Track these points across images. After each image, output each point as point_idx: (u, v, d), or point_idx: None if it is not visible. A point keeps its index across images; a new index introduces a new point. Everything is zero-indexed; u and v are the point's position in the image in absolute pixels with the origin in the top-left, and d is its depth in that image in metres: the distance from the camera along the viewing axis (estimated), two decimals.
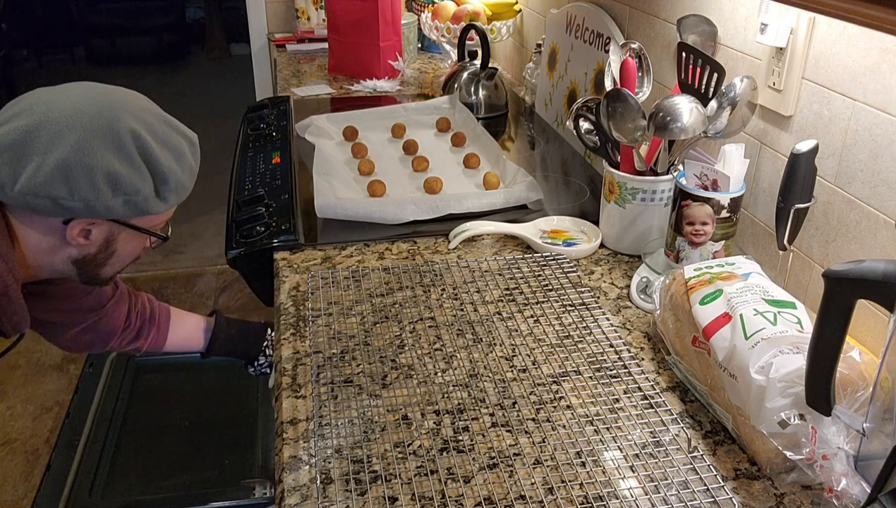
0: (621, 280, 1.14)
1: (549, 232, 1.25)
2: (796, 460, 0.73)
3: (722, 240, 1.03)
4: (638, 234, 1.17)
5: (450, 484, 0.75)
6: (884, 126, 0.85)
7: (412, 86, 2.15)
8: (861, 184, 0.89)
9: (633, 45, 1.22)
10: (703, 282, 0.90)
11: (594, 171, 1.53)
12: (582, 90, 1.62)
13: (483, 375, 0.91)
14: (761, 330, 0.78)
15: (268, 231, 1.24)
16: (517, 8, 2.19)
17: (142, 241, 1.00)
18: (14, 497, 2.01)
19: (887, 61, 0.83)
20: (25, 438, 2.21)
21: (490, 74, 1.86)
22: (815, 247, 0.98)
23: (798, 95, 0.99)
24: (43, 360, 2.55)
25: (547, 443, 0.81)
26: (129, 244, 0.99)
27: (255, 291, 1.31)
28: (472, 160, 1.48)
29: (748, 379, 0.75)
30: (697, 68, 1.07)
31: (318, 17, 2.75)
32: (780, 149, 1.04)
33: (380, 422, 0.84)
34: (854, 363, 0.74)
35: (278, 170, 1.48)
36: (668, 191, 1.13)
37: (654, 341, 0.99)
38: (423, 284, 1.11)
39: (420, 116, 1.71)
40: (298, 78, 2.24)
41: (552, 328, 1.01)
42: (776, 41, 0.99)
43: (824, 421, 0.72)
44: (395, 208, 1.27)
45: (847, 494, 0.70)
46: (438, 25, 2.20)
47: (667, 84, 1.32)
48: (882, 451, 0.66)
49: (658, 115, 1.02)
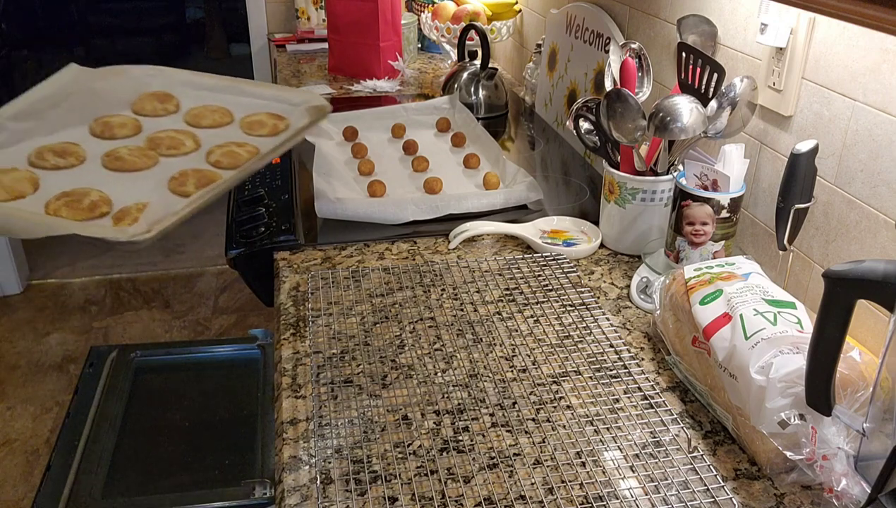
0: (621, 280, 1.14)
1: (549, 232, 1.25)
2: (796, 460, 0.73)
3: (722, 240, 1.03)
4: (638, 234, 1.17)
5: (450, 484, 0.75)
6: (884, 126, 0.85)
7: (412, 86, 2.15)
8: (861, 184, 0.89)
9: (633, 45, 1.22)
10: (703, 282, 0.90)
11: (594, 171, 1.53)
12: (582, 90, 1.62)
13: (483, 375, 0.91)
14: (761, 331, 0.78)
15: (268, 231, 1.24)
16: (517, 8, 2.19)
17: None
18: (14, 497, 2.01)
19: (887, 61, 0.83)
20: (25, 438, 2.22)
21: (490, 74, 1.86)
22: (815, 247, 0.98)
23: (798, 95, 0.99)
24: (43, 360, 2.55)
25: (547, 443, 0.81)
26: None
27: (255, 291, 1.31)
28: (472, 160, 1.48)
29: (748, 379, 0.75)
30: (697, 68, 1.07)
31: (318, 17, 2.75)
32: (780, 150, 1.04)
33: (380, 422, 0.84)
34: (854, 363, 0.74)
35: (278, 170, 1.49)
36: (668, 191, 1.13)
37: (654, 341, 0.99)
38: (423, 284, 1.11)
39: (420, 116, 1.71)
40: (298, 78, 2.24)
41: (552, 328, 1.01)
42: (776, 41, 0.99)
43: (824, 421, 0.72)
44: (395, 208, 1.27)
45: (847, 494, 0.71)
46: (438, 25, 2.20)
47: (667, 84, 1.32)
48: (882, 451, 0.66)
49: (658, 115, 1.02)
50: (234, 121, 1.04)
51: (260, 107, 1.06)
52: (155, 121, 1.03)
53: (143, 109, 1.05)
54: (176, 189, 0.88)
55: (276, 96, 1.08)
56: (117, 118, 1.02)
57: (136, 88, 1.10)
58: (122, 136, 0.99)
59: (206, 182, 0.88)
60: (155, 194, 0.87)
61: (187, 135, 0.99)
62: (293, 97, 1.07)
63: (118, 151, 0.94)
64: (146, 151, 0.95)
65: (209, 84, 1.11)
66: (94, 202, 0.85)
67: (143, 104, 1.06)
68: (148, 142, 0.97)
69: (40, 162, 0.92)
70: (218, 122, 1.03)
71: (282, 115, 1.04)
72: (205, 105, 1.06)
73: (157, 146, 0.97)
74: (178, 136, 0.98)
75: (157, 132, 0.99)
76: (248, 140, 0.98)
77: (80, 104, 1.04)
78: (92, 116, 1.03)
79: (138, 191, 0.88)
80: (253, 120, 1.02)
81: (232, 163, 0.93)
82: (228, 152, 0.94)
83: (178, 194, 0.87)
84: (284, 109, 1.05)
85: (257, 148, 0.96)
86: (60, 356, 2.57)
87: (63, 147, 0.94)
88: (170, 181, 0.89)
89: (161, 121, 1.04)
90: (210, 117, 1.04)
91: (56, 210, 0.83)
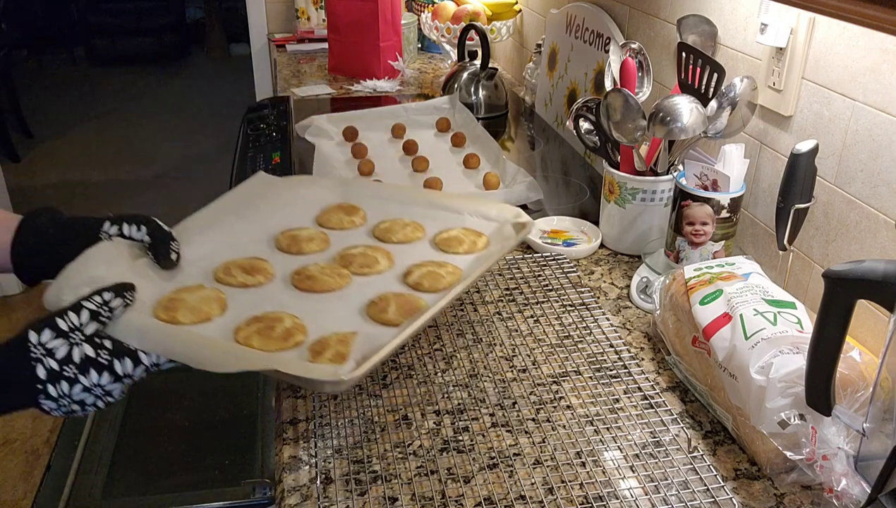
0: (621, 280, 1.14)
1: (549, 232, 1.25)
2: (796, 460, 0.73)
3: (722, 240, 1.03)
4: (638, 234, 1.17)
5: (450, 484, 0.75)
6: (884, 126, 0.85)
7: (412, 86, 2.15)
8: (861, 185, 0.89)
9: (633, 45, 1.22)
10: (703, 282, 0.90)
11: (594, 171, 1.53)
12: (582, 90, 1.62)
13: (483, 375, 0.91)
14: (761, 331, 0.78)
15: None
16: (517, 8, 2.19)
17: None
18: (14, 497, 2.01)
19: (887, 61, 0.83)
20: (25, 438, 2.22)
21: (490, 74, 1.86)
22: (815, 247, 0.98)
23: (798, 95, 0.99)
24: None
25: (547, 443, 0.81)
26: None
27: None
28: (472, 160, 1.48)
29: (748, 379, 0.75)
30: (697, 68, 1.07)
31: (318, 17, 2.75)
32: (780, 150, 1.04)
33: (380, 422, 0.84)
34: (854, 363, 0.74)
35: (278, 170, 1.49)
36: (668, 191, 1.13)
37: (654, 341, 0.99)
38: None
39: (420, 116, 1.71)
40: (298, 78, 2.24)
41: (552, 328, 1.01)
42: (776, 41, 0.99)
43: (824, 421, 0.72)
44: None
45: (847, 494, 0.70)
46: (438, 25, 2.20)
47: (667, 84, 1.32)
48: (882, 451, 0.66)
49: (658, 115, 1.02)
50: (426, 237, 1.00)
51: (453, 221, 1.02)
52: (342, 235, 0.99)
53: (330, 222, 1.01)
54: (377, 316, 0.81)
55: (469, 209, 1.04)
56: (304, 231, 0.97)
57: (322, 199, 1.06)
58: (310, 251, 0.94)
59: (409, 309, 0.82)
60: (353, 321, 0.81)
61: (380, 252, 0.94)
62: (489, 211, 1.03)
63: (308, 269, 0.89)
64: (338, 269, 0.90)
65: (397, 196, 1.07)
66: (287, 330, 0.77)
67: (329, 216, 1.02)
68: (339, 260, 0.92)
69: (227, 278, 0.87)
70: (409, 238, 0.99)
71: (479, 231, 0.99)
72: (394, 219, 1.01)
73: (348, 264, 0.91)
74: (370, 253, 0.93)
75: (347, 248, 0.94)
76: (446, 259, 0.94)
77: (266, 215, 1.00)
78: (278, 229, 0.98)
79: (333, 317, 0.81)
80: (448, 236, 0.98)
81: (433, 285, 0.87)
82: (429, 274, 0.89)
83: (379, 322, 0.81)
84: (480, 225, 1.01)
85: (458, 268, 0.91)
86: None
87: (251, 263, 0.89)
88: (369, 306, 0.83)
89: (348, 235, 1.00)
90: (401, 232, 0.99)
91: (247, 338, 0.76)
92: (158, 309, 0.78)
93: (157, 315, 0.77)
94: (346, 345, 0.74)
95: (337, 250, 0.95)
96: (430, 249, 0.98)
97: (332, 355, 0.73)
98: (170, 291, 0.82)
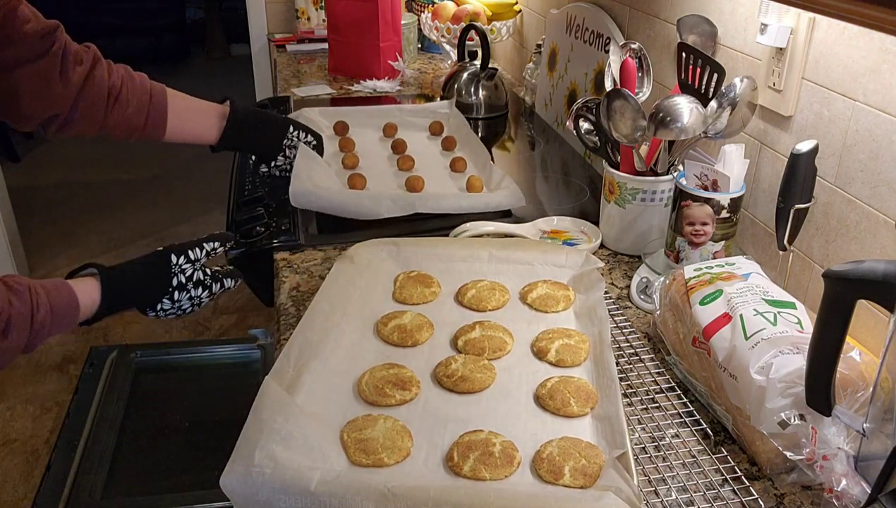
0: (621, 280, 1.14)
1: (549, 232, 1.25)
2: (796, 460, 0.73)
3: (722, 240, 1.03)
4: (638, 234, 1.17)
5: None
6: (884, 126, 0.85)
7: (412, 86, 2.15)
8: (861, 185, 0.89)
9: (633, 45, 1.22)
10: (703, 283, 0.90)
11: (594, 171, 1.53)
12: (582, 90, 1.62)
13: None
14: (761, 331, 0.78)
15: (268, 231, 1.24)
16: (517, 8, 2.19)
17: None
18: (14, 497, 2.01)
19: (887, 61, 0.83)
20: (25, 438, 2.22)
21: (490, 75, 1.86)
22: (815, 247, 0.98)
23: (798, 96, 0.99)
24: (43, 360, 2.55)
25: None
26: None
27: (255, 291, 1.31)
28: (459, 163, 1.46)
29: (748, 380, 0.75)
30: (697, 68, 1.07)
31: (318, 17, 2.76)
32: (780, 150, 1.04)
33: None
34: (854, 363, 0.74)
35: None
36: (668, 192, 1.13)
37: (654, 341, 0.99)
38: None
39: (414, 118, 1.69)
40: (298, 78, 2.24)
41: None
42: (776, 41, 0.99)
43: (824, 422, 0.72)
44: (371, 203, 1.25)
45: (847, 494, 0.70)
46: (438, 26, 2.20)
47: (667, 84, 1.32)
48: (882, 451, 0.66)
49: (658, 115, 1.02)
50: (513, 296, 0.99)
51: (527, 274, 1.03)
52: (434, 311, 0.97)
53: (412, 298, 0.98)
54: (560, 409, 0.79)
55: (535, 258, 1.03)
56: (401, 318, 0.93)
57: (383, 272, 1.03)
58: (423, 341, 0.91)
59: (584, 395, 0.79)
60: (534, 417, 0.78)
61: (500, 329, 0.91)
62: (556, 257, 1.04)
63: (453, 369, 0.84)
64: (479, 361, 0.85)
65: (443, 252, 1.06)
66: (504, 450, 0.72)
67: (409, 292, 0.99)
68: (470, 347, 0.88)
69: (385, 400, 0.80)
70: (501, 303, 0.98)
71: (562, 283, 1.00)
72: (471, 282, 1.00)
73: (480, 351, 0.87)
74: (491, 334, 0.90)
75: (462, 331, 0.91)
76: (559, 323, 0.93)
77: (357, 309, 0.96)
78: (370, 319, 0.94)
79: (515, 419, 0.78)
80: (539, 295, 0.98)
81: (574, 360, 0.86)
82: (564, 348, 0.87)
83: (564, 416, 0.78)
84: (555, 273, 1.02)
85: (583, 335, 0.90)
86: (60, 356, 2.57)
87: (396, 375, 0.83)
88: (545, 401, 0.80)
89: (440, 309, 0.97)
90: (492, 299, 0.97)
91: (475, 471, 0.70)
92: (358, 453, 0.73)
93: (360, 461, 0.72)
94: (585, 459, 0.71)
95: (447, 334, 0.93)
96: (528, 311, 0.97)
97: (573, 473, 0.70)
98: (346, 425, 0.77)
